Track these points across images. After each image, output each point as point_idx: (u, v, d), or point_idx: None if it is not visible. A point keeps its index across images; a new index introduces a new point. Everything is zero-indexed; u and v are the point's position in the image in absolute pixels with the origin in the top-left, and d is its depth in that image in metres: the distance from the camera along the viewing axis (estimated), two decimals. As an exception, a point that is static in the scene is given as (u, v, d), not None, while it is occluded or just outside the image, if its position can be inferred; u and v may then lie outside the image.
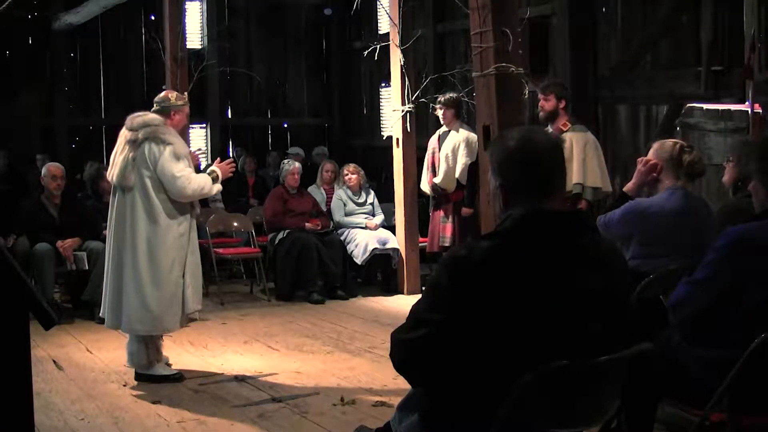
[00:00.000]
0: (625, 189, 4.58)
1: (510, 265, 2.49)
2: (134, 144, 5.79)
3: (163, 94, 6.12)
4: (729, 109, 8.62)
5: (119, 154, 5.85)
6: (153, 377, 5.95)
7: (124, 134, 5.88)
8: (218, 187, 6.06)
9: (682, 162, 4.43)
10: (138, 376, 5.99)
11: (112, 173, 5.87)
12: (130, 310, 5.80)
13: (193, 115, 9.00)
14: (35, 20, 13.66)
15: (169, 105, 5.97)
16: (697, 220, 4.38)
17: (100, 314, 6.13)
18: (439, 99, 8.70)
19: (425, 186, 8.86)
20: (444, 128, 8.72)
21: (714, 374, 3.23)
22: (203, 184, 5.88)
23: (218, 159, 6.38)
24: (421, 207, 9.62)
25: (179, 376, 6.02)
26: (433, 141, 8.82)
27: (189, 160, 5.93)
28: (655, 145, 4.56)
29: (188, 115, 6.13)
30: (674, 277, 3.81)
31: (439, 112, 8.65)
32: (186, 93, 6.09)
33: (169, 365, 6.18)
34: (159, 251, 5.78)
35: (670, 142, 4.57)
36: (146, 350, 5.94)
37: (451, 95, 8.71)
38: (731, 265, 3.33)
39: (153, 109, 6.00)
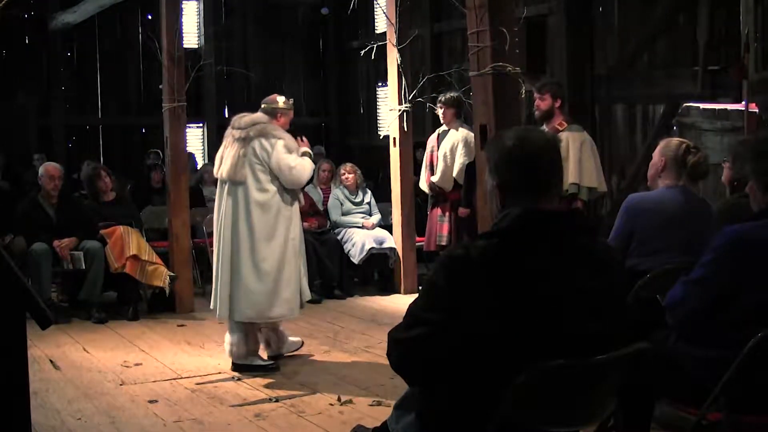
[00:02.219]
0: None
1: (507, 264, 2.50)
2: (244, 141, 6.14)
3: (270, 97, 6.49)
4: (725, 109, 8.64)
5: (228, 152, 6.20)
6: (251, 367, 6.17)
7: (231, 133, 6.25)
8: (313, 164, 6.42)
9: (685, 162, 4.41)
10: (235, 367, 6.21)
11: (222, 170, 6.22)
12: (248, 299, 6.10)
13: (189, 114, 9.02)
14: (32, 20, 13.66)
15: (277, 107, 6.37)
16: (695, 219, 4.36)
17: (211, 306, 6.40)
18: (439, 98, 8.69)
19: (424, 185, 8.85)
20: (444, 127, 8.70)
21: (711, 374, 3.23)
22: (310, 167, 6.29)
23: (299, 138, 6.55)
24: (417, 206, 9.63)
25: (276, 366, 6.22)
26: (432, 140, 8.81)
27: (298, 153, 6.27)
28: (662, 143, 4.56)
29: (291, 119, 6.50)
30: (671, 276, 3.81)
31: (440, 111, 8.63)
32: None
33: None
34: (275, 240, 6.13)
35: (676, 140, 4.56)
36: (246, 341, 6.20)
37: (452, 94, 8.69)
38: (728, 265, 3.33)
39: (260, 109, 6.39)
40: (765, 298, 3.26)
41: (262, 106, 6.41)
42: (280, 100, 6.43)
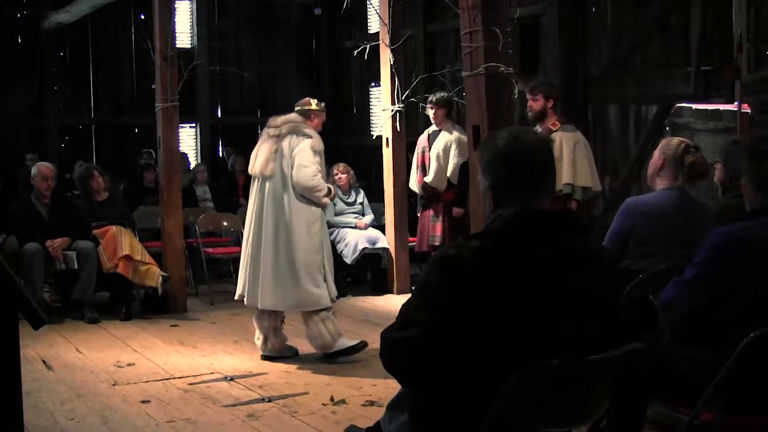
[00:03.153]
0: None
1: (500, 264, 2.49)
2: (278, 138, 6.41)
3: (303, 100, 6.74)
4: (718, 109, 8.65)
5: (262, 148, 6.47)
6: (342, 352, 6.39)
7: (266, 132, 6.54)
8: (327, 200, 6.53)
9: (683, 162, 4.42)
10: (327, 357, 6.41)
11: (255, 165, 6.48)
12: (276, 289, 6.33)
13: (182, 114, 9.01)
14: (25, 19, 13.63)
15: (310, 109, 6.64)
16: (691, 220, 4.36)
17: (236, 297, 6.64)
18: (430, 98, 8.68)
19: (414, 185, 8.85)
20: (434, 127, 8.70)
21: (704, 374, 3.23)
22: (321, 186, 6.38)
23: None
24: (409, 207, 9.63)
25: (364, 344, 6.42)
26: (422, 140, 8.79)
27: (322, 157, 6.48)
28: (663, 141, 4.60)
29: (324, 120, 6.73)
30: (664, 276, 3.81)
31: (430, 112, 8.62)
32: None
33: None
34: (296, 236, 6.31)
35: (676, 140, 4.57)
36: (326, 330, 6.37)
37: (442, 94, 8.69)
38: (721, 265, 3.33)
39: (294, 111, 6.62)
40: (758, 298, 3.27)
41: (296, 108, 6.64)
42: (313, 102, 6.69)
